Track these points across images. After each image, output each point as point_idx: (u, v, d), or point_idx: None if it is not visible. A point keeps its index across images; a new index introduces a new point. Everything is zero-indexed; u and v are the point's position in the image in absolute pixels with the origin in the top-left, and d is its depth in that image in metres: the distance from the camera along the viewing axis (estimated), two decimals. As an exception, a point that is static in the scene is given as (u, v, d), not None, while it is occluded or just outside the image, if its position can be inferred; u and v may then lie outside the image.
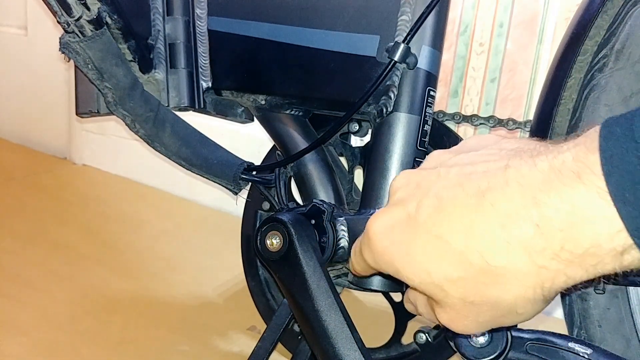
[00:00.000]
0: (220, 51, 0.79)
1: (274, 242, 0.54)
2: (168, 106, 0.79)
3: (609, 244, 0.30)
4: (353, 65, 0.68)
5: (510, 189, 0.33)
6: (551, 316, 0.99)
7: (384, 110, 0.65)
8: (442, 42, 0.67)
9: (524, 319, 0.36)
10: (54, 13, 0.68)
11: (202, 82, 0.80)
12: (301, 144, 0.74)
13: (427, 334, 0.68)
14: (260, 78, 0.76)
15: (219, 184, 0.77)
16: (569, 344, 0.43)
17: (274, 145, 0.79)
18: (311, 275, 0.52)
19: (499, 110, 1.04)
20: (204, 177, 0.77)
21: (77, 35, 0.68)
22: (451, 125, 0.84)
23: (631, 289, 0.59)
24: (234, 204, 0.82)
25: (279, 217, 0.54)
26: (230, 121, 0.85)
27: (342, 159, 0.76)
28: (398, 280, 0.39)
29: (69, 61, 0.71)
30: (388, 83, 0.65)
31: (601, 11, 0.55)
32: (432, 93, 0.66)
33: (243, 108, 0.83)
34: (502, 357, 0.44)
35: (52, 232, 1.20)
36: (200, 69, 0.80)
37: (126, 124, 0.75)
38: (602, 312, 0.59)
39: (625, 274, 0.31)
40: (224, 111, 0.82)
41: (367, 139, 0.70)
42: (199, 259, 1.16)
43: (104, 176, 1.56)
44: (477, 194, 0.34)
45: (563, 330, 0.57)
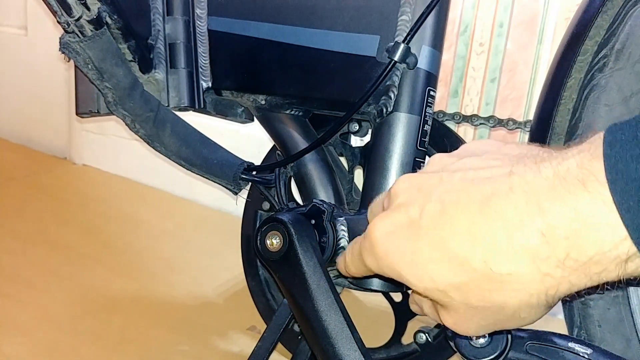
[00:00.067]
0: (220, 51, 0.79)
1: (274, 242, 0.54)
2: (168, 106, 0.79)
3: (613, 251, 0.30)
4: (353, 65, 0.68)
5: (514, 196, 0.33)
6: (556, 317, 0.99)
7: (384, 110, 0.65)
8: (442, 42, 0.67)
9: (526, 322, 0.36)
10: (54, 13, 0.68)
11: (202, 82, 0.80)
12: (301, 144, 0.74)
13: (427, 334, 0.68)
14: (261, 78, 0.76)
15: (219, 184, 0.77)
16: (569, 344, 0.43)
17: (274, 145, 0.79)
18: (311, 275, 0.52)
19: (499, 110, 1.04)
20: (204, 177, 0.77)
21: (77, 35, 0.68)
22: (451, 125, 0.84)
23: (631, 289, 0.59)
24: (234, 204, 0.82)
25: (279, 217, 0.54)
26: (230, 121, 0.85)
27: (342, 159, 0.76)
28: (398, 281, 0.39)
29: (69, 61, 0.71)
30: (388, 83, 0.65)
31: (601, 11, 0.55)
32: (432, 93, 0.66)
33: (243, 108, 0.83)
34: (502, 357, 0.44)
35: (52, 232, 1.20)
36: (200, 69, 0.80)
37: (126, 124, 0.75)
38: (602, 312, 0.59)
39: (628, 281, 0.31)
40: (224, 111, 0.82)
41: (367, 139, 0.70)
42: (199, 259, 1.16)
43: (104, 176, 1.56)
44: (481, 199, 0.34)
45: (563, 330, 0.57)
